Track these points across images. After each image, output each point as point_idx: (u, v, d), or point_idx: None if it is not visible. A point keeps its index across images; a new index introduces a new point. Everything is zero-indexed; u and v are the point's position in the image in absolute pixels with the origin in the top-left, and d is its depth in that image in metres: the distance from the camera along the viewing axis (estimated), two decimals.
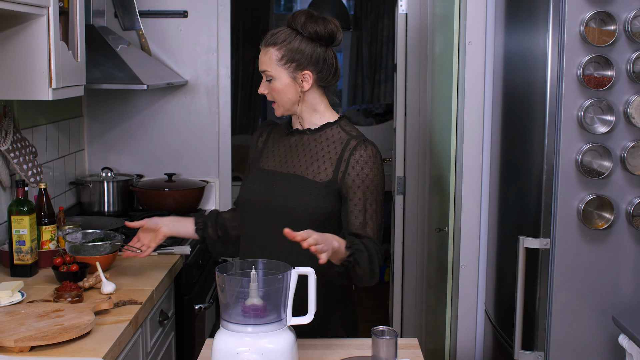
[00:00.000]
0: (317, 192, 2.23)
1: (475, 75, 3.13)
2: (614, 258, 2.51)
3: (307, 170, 2.26)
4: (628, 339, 2.34)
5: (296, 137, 2.34)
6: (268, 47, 2.25)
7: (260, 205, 2.30)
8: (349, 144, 2.24)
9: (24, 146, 2.96)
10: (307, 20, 2.24)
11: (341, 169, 2.22)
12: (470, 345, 3.28)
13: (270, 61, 2.25)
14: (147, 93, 3.95)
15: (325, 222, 2.23)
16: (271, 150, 2.38)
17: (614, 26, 2.40)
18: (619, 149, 2.45)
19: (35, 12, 2.41)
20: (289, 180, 2.27)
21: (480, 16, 3.11)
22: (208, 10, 3.92)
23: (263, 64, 2.27)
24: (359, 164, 2.21)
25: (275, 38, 2.25)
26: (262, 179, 2.34)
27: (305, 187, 2.24)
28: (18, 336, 2.01)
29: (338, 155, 2.24)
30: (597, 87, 2.42)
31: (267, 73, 2.26)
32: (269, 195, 2.29)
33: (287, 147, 2.34)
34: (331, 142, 2.28)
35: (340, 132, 2.29)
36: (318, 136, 2.30)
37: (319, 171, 2.25)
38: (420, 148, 4.09)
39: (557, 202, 2.49)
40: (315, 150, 2.28)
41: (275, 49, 2.24)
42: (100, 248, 2.73)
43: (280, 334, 1.85)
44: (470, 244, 3.21)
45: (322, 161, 2.26)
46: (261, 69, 2.27)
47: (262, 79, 2.29)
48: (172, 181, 3.79)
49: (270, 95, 2.28)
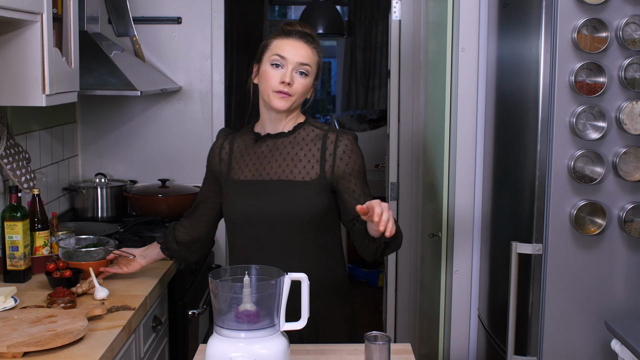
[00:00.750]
0: (309, 191, 2.24)
1: (468, 82, 3.14)
2: (607, 263, 2.52)
3: (293, 172, 2.27)
4: (620, 344, 2.35)
5: (268, 142, 2.33)
6: (309, 44, 2.27)
7: (256, 218, 2.29)
8: (327, 138, 2.29)
9: (18, 152, 2.96)
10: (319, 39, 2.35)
11: (329, 163, 2.26)
12: (464, 350, 3.29)
13: (314, 59, 2.28)
14: (140, 99, 3.95)
15: (323, 218, 2.27)
16: (241, 160, 2.36)
17: (605, 33, 2.41)
18: (611, 155, 2.46)
19: (29, 18, 2.42)
20: (276, 186, 2.27)
21: (474, 23, 3.12)
22: (202, 17, 3.93)
23: (306, 57, 2.26)
24: (346, 154, 2.26)
25: (313, 42, 2.29)
26: (245, 191, 2.32)
27: (295, 189, 2.25)
28: (11, 342, 2.00)
29: (320, 151, 2.27)
30: (589, 94, 2.43)
31: (306, 67, 2.25)
32: (260, 206, 2.28)
33: (259, 154, 2.33)
34: (309, 141, 2.30)
35: (314, 129, 2.33)
36: (293, 138, 2.31)
37: (307, 171, 2.26)
38: (413, 154, 4.09)
39: (549, 208, 2.50)
40: (295, 152, 2.29)
41: (317, 52, 2.29)
42: (93, 254, 2.72)
43: (273, 340, 1.85)
44: (463, 249, 3.22)
45: (306, 160, 2.27)
46: (302, 60, 2.25)
47: (287, 69, 2.23)
48: (165, 187, 3.79)
49: (293, 88, 2.24)
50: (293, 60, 2.24)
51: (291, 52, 2.24)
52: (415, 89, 4.06)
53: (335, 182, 2.27)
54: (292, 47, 2.25)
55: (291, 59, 2.23)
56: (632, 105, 2.42)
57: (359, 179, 2.28)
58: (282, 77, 2.23)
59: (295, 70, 2.24)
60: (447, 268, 3.30)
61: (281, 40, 2.27)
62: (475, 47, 3.13)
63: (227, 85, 7.39)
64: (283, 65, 2.24)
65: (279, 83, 2.23)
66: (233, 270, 1.92)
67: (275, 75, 2.24)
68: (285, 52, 2.24)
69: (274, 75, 2.24)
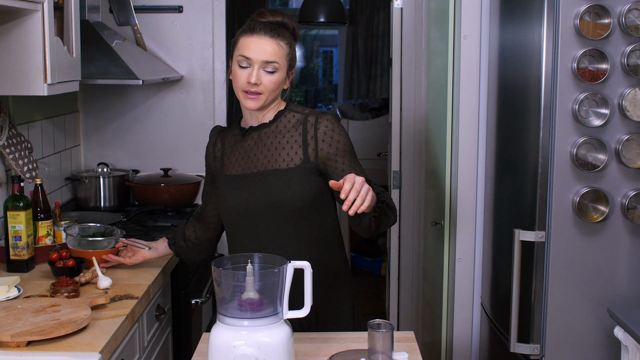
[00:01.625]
0: (295, 177, 2.24)
1: (471, 69, 3.13)
2: (609, 250, 2.52)
3: (277, 161, 2.26)
4: (623, 331, 2.35)
5: (253, 135, 2.32)
6: (275, 39, 2.21)
7: (247, 211, 2.29)
8: (307, 122, 2.26)
9: (20, 142, 2.96)
10: (295, 25, 2.30)
11: (311, 146, 2.24)
12: (467, 338, 3.29)
13: (281, 54, 2.22)
14: (142, 88, 3.95)
15: (314, 202, 2.27)
16: (231, 155, 2.36)
17: (608, 19, 2.40)
18: (613, 142, 2.46)
19: (30, 7, 2.41)
20: (262, 177, 2.27)
21: (475, 10, 3.11)
22: (203, 5, 3.92)
23: (271, 55, 2.20)
24: (327, 135, 2.24)
25: (282, 33, 2.23)
26: (234, 185, 2.32)
27: (281, 178, 2.24)
28: (15, 331, 2.01)
29: (301, 135, 2.26)
30: (591, 80, 2.42)
31: (274, 64, 2.20)
32: (250, 199, 2.28)
33: (246, 148, 2.32)
34: (290, 127, 2.28)
35: (294, 114, 2.30)
36: (274, 127, 2.30)
37: (290, 157, 2.25)
38: (416, 142, 4.09)
39: (552, 195, 2.50)
40: (277, 140, 2.28)
41: (284, 43, 2.23)
42: (103, 242, 2.72)
43: (276, 328, 1.85)
44: (466, 237, 3.22)
45: (289, 147, 2.26)
46: (267, 58, 2.19)
47: (253, 68, 2.20)
48: (167, 176, 3.79)
49: (262, 86, 2.21)
50: (258, 59, 2.19)
51: (255, 51, 2.19)
52: (417, 77, 4.05)
53: (322, 164, 2.25)
54: (256, 45, 2.19)
55: (256, 58, 2.19)
56: (634, 92, 2.41)
57: (345, 157, 2.25)
58: (249, 78, 2.20)
59: (261, 68, 2.20)
60: (450, 256, 3.31)
61: (246, 38, 2.22)
62: (477, 35, 3.12)
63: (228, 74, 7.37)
64: (249, 64, 2.20)
65: (246, 83, 2.21)
66: (236, 259, 1.92)
67: (242, 76, 2.21)
68: (250, 51, 2.19)
69: (241, 76, 2.21)
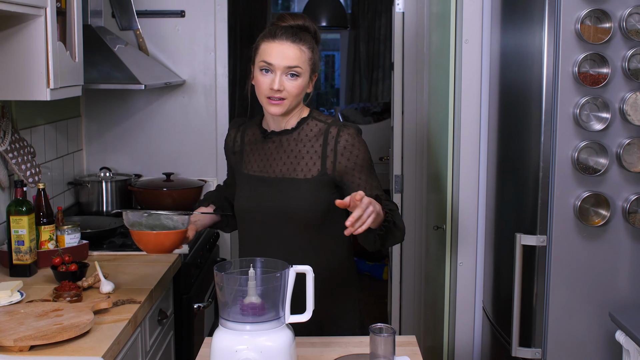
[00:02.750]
0: (311, 189, 2.24)
1: (472, 73, 3.14)
2: (611, 254, 2.52)
3: (295, 171, 2.26)
4: (625, 335, 2.36)
5: (274, 140, 2.32)
6: (297, 43, 2.19)
7: (258, 212, 2.30)
8: (329, 133, 2.26)
9: (22, 146, 2.97)
10: (317, 28, 2.29)
11: (330, 159, 2.24)
12: (469, 342, 3.29)
13: (303, 58, 2.20)
14: (144, 93, 3.96)
15: (327, 214, 2.27)
16: (251, 154, 2.36)
17: (609, 24, 2.41)
18: (614, 146, 2.46)
19: (32, 12, 2.42)
20: (279, 184, 2.27)
21: (477, 14, 3.12)
22: (205, 10, 3.93)
23: (294, 60, 2.18)
24: (347, 149, 2.23)
25: (304, 37, 2.21)
26: (251, 185, 2.33)
27: (298, 188, 2.25)
28: (17, 335, 2.01)
29: (322, 146, 2.26)
30: (592, 85, 2.43)
31: (296, 69, 2.18)
32: (264, 202, 2.28)
33: (266, 150, 2.32)
34: (311, 137, 2.28)
35: (317, 123, 2.30)
36: (296, 134, 2.29)
37: (308, 168, 2.25)
38: (417, 146, 4.09)
39: (553, 199, 2.51)
40: (297, 149, 2.28)
41: (306, 48, 2.21)
42: (175, 220, 2.26)
43: (278, 332, 1.85)
44: (468, 241, 3.22)
45: (309, 157, 2.26)
46: (290, 64, 2.18)
47: (276, 74, 2.18)
48: (170, 181, 3.80)
49: (286, 92, 2.19)
50: (280, 65, 2.18)
51: (277, 57, 2.18)
52: (418, 81, 4.05)
53: (339, 177, 2.25)
54: (278, 52, 2.18)
55: (278, 64, 2.17)
56: (635, 96, 2.42)
57: (362, 172, 2.25)
58: (271, 84, 2.18)
59: (284, 74, 2.19)
60: (452, 260, 3.31)
61: (267, 43, 2.20)
62: (478, 39, 3.12)
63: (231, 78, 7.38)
64: (271, 70, 2.19)
65: (269, 89, 2.19)
66: (238, 263, 1.93)
67: (265, 82, 2.20)
68: (272, 57, 2.18)
69: (264, 82, 2.20)
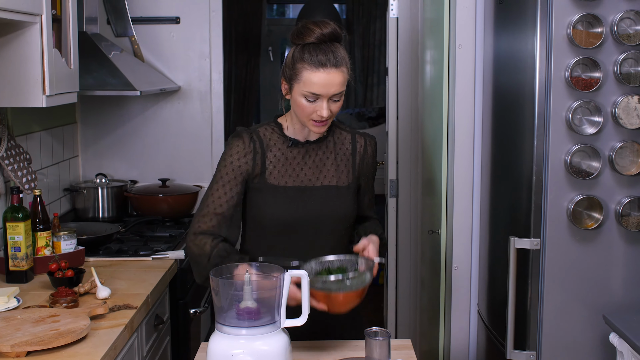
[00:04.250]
0: (349, 195, 2.30)
1: (466, 78, 3.15)
2: (604, 257, 2.53)
3: (334, 178, 2.29)
4: (619, 338, 2.37)
5: (307, 148, 2.28)
6: (340, 67, 2.12)
7: (299, 224, 2.24)
8: (356, 141, 2.34)
9: (18, 153, 2.98)
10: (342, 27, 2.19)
11: (357, 167, 2.33)
12: (464, 345, 3.30)
13: (345, 79, 2.14)
14: (140, 99, 3.97)
15: (351, 220, 2.34)
16: (277, 164, 2.25)
17: (600, 28, 2.43)
18: (607, 150, 2.48)
19: (28, 20, 2.43)
20: (321, 192, 2.27)
21: (470, 20, 3.13)
22: (200, 16, 3.94)
23: (340, 86, 2.12)
24: (371, 159, 2.37)
25: (343, 55, 2.14)
26: (286, 197, 2.24)
27: (339, 194, 2.28)
28: (14, 341, 2.02)
29: (351, 154, 2.33)
30: (585, 89, 2.45)
31: (341, 92, 2.14)
32: (304, 212, 2.24)
33: (290, 159, 2.26)
34: (341, 145, 2.33)
35: (341, 132, 2.35)
36: (328, 142, 2.31)
37: (345, 175, 2.31)
38: (412, 151, 4.11)
39: (547, 203, 2.52)
40: (325, 156, 2.30)
41: (345, 68, 2.14)
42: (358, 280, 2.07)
43: (274, 336, 1.86)
44: (463, 245, 3.23)
45: (343, 165, 2.31)
46: (336, 91, 2.12)
47: (323, 101, 2.12)
48: (166, 186, 3.81)
49: (331, 114, 2.16)
50: (328, 94, 2.11)
51: (325, 88, 2.11)
52: (413, 86, 4.07)
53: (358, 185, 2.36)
54: (325, 82, 2.10)
55: (326, 93, 2.11)
56: (627, 100, 2.44)
57: (369, 180, 2.39)
58: (319, 111, 2.13)
59: (330, 99, 2.14)
60: (447, 264, 3.32)
61: (312, 73, 2.10)
62: (471, 44, 3.14)
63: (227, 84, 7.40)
64: (317, 98, 2.13)
65: (317, 115, 2.15)
66: (234, 268, 1.94)
67: (310, 107, 2.14)
68: (319, 89, 2.11)
69: (309, 107, 2.14)
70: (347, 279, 2.02)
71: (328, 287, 2.02)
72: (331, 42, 2.13)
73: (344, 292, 2.02)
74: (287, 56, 2.19)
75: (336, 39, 2.15)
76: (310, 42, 2.13)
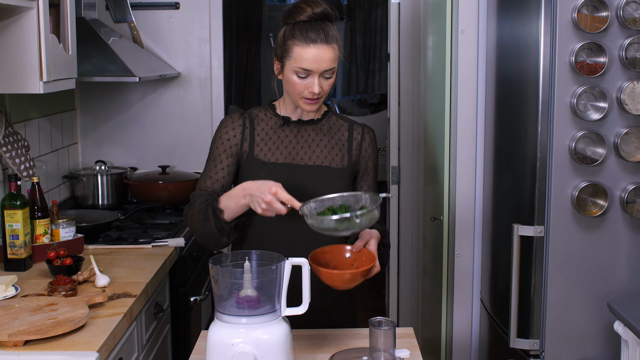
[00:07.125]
0: (342, 178, 2.27)
1: (468, 64, 3.12)
2: (609, 245, 2.51)
3: (327, 159, 2.28)
4: (623, 326, 2.35)
5: (298, 128, 2.28)
6: (331, 43, 2.13)
7: None
8: (354, 130, 2.33)
9: (16, 140, 2.95)
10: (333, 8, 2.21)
11: (355, 154, 2.31)
12: (466, 333, 3.29)
13: (336, 55, 2.15)
14: (139, 85, 3.94)
15: None
16: (269, 141, 2.27)
17: (606, 12, 2.40)
18: (612, 136, 2.45)
19: (25, 5, 2.40)
20: (313, 171, 2.26)
21: (473, 4, 3.10)
22: (200, 2, 3.91)
23: (330, 62, 2.13)
24: (370, 148, 2.33)
25: (334, 33, 2.15)
26: (277, 174, 2.23)
27: (331, 176, 2.26)
28: (12, 330, 2.00)
29: (347, 140, 2.31)
30: (589, 74, 2.42)
31: (332, 69, 2.15)
32: (296, 190, 2.18)
33: (282, 137, 2.28)
34: (337, 130, 2.32)
35: (337, 119, 2.34)
36: (322, 125, 2.31)
37: (339, 158, 2.29)
38: (414, 137, 4.08)
39: (551, 190, 2.49)
40: (327, 139, 2.29)
41: (336, 45, 2.15)
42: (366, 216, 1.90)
43: (274, 325, 1.84)
44: (465, 232, 3.21)
45: (338, 148, 2.29)
46: (327, 67, 2.13)
47: (314, 78, 2.13)
48: (165, 173, 3.79)
49: (322, 91, 2.16)
50: (319, 70, 2.13)
51: (316, 63, 2.12)
52: (415, 72, 4.04)
53: (356, 171, 2.33)
54: (315, 57, 2.11)
55: (317, 69, 2.12)
56: (633, 85, 2.41)
57: (370, 175, 2.35)
58: (310, 88, 2.14)
59: (321, 76, 2.14)
60: (449, 251, 3.30)
61: (302, 48, 2.12)
62: (474, 29, 3.11)
63: (227, 70, 7.37)
64: (309, 75, 2.14)
65: (308, 92, 2.16)
66: (233, 256, 1.92)
67: (301, 84, 2.15)
68: (310, 64, 2.12)
69: (300, 84, 2.15)
70: (356, 217, 1.84)
71: (335, 226, 1.86)
72: (322, 21, 2.16)
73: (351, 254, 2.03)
74: (279, 35, 2.21)
75: (327, 17, 2.18)
76: (301, 20, 2.15)
